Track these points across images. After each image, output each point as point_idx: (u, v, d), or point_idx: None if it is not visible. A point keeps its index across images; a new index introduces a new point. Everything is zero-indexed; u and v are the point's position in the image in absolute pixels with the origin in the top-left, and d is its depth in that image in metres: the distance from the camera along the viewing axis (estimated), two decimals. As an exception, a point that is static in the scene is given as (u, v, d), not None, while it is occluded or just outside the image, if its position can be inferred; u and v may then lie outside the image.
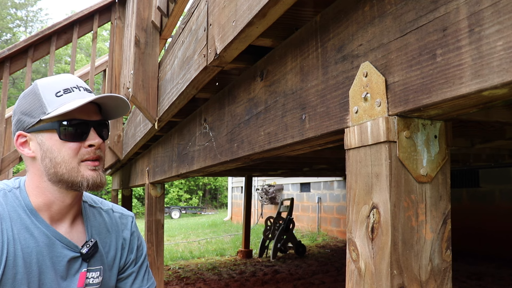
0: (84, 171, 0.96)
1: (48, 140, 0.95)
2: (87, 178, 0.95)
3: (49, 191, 0.97)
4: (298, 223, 9.28)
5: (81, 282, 1.01)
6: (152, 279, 1.22)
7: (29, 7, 29.60)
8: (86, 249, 1.01)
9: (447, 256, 0.64)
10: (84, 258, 1.01)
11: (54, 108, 0.94)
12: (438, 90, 0.54)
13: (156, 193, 3.17)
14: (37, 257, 0.94)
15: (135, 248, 1.17)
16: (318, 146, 0.95)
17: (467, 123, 1.70)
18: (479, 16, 0.48)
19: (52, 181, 0.96)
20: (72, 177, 0.95)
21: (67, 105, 0.94)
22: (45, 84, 0.97)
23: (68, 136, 0.95)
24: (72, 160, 0.95)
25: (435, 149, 0.64)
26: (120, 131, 3.82)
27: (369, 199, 0.64)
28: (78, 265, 1.01)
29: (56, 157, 0.95)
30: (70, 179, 0.95)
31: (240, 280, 4.64)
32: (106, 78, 4.24)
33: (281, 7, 0.80)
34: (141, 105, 2.04)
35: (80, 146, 0.96)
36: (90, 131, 0.98)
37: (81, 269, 1.01)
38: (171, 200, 23.35)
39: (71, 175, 0.95)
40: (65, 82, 0.99)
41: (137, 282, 1.17)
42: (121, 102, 1.02)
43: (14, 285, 0.90)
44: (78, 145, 0.96)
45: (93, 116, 0.99)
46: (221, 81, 1.45)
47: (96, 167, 0.98)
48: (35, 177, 0.98)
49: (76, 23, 3.57)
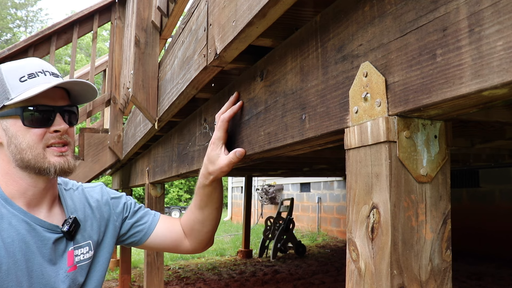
0: (51, 157, 0.94)
1: (13, 126, 0.93)
2: (54, 164, 0.94)
3: (19, 177, 0.95)
4: (298, 223, 9.27)
5: (70, 261, 1.00)
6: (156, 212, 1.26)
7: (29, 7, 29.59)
8: (67, 227, 0.99)
9: (447, 256, 0.64)
10: (67, 237, 1.00)
11: (17, 93, 0.92)
12: (438, 90, 0.54)
13: (156, 193, 3.17)
14: (19, 245, 0.92)
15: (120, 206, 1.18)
16: (318, 146, 0.95)
17: (467, 123, 1.70)
18: (479, 16, 0.48)
19: (20, 167, 0.94)
20: (39, 163, 0.93)
21: (31, 90, 0.91)
22: (9, 69, 0.95)
23: (32, 122, 0.93)
24: (37, 146, 0.93)
25: (435, 149, 0.64)
26: (120, 131, 3.82)
27: (369, 199, 0.64)
28: (64, 245, 1.00)
29: (21, 143, 0.93)
30: (37, 165, 0.93)
31: (240, 280, 4.64)
32: (106, 78, 4.24)
33: (281, 7, 0.80)
34: (141, 105, 2.04)
35: (45, 132, 0.94)
36: (56, 117, 0.95)
37: (68, 248, 1.00)
38: (171, 200, 23.35)
39: (38, 161, 0.93)
40: (30, 66, 0.96)
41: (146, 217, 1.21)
42: (87, 87, 1.00)
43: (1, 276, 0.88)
44: (42, 131, 0.93)
45: (59, 102, 0.97)
46: (221, 81, 1.45)
47: (63, 153, 0.96)
48: (3, 164, 0.96)
49: (76, 23, 3.57)
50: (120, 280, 4.92)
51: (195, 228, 1.21)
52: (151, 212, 1.25)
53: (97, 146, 3.73)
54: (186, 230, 1.24)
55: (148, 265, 2.98)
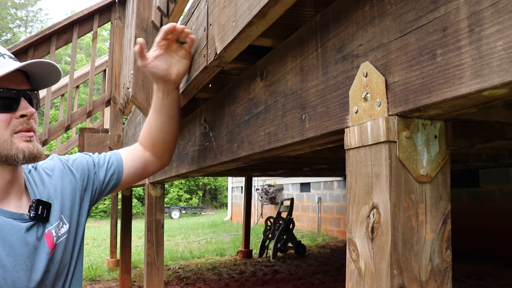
0: (19, 143, 0.89)
1: None
2: (22, 149, 0.89)
3: None
4: (298, 223, 9.27)
5: (49, 242, 0.97)
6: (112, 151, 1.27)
7: (29, 7, 29.60)
8: (33, 212, 0.95)
9: (447, 256, 0.64)
10: (41, 220, 0.97)
11: None
12: (438, 90, 0.54)
13: (156, 193, 3.17)
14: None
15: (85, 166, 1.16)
16: (318, 146, 0.95)
17: (467, 123, 1.70)
18: (479, 16, 0.48)
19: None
20: (6, 150, 0.88)
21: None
22: None
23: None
24: (4, 133, 0.88)
25: (435, 149, 0.64)
26: (120, 131, 3.82)
27: (369, 199, 0.64)
28: (40, 230, 0.97)
29: None
30: (3, 153, 0.88)
31: (240, 280, 4.64)
32: (106, 78, 4.24)
33: (281, 7, 0.80)
34: (141, 105, 2.04)
35: (11, 117, 0.89)
36: (21, 101, 0.90)
37: (45, 231, 0.97)
38: (171, 200, 23.35)
39: (5, 149, 0.88)
40: None
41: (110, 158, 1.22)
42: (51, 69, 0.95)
43: None
44: (8, 116, 0.89)
45: (21, 85, 0.92)
46: (221, 81, 1.45)
47: (30, 138, 0.91)
48: None
49: (76, 23, 3.57)
50: (120, 280, 4.92)
51: (155, 137, 1.27)
52: (110, 153, 1.26)
53: (97, 146, 3.73)
54: (148, 144, 1.28)
55: (148, 265, 2.98)
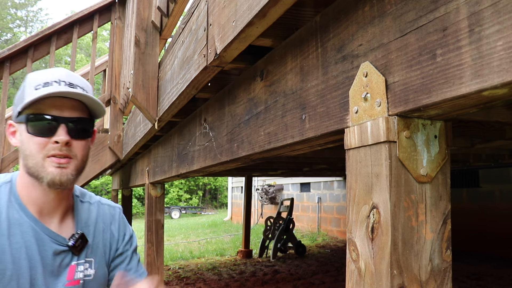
0: (49, 167, 0.93)
1: (23, 132, 0.95)
2: (48, 173, 0.93)
3: (31, 184, 0.96)
4: (298, 223, 9.27)
5: (70, 275, 1.00)
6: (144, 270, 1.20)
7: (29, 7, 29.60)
8: (73, 241, 0.99)
9: (447, 256, 0.64)
10: (73, 251, 1.00)
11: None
12: (438, 90, 0.54)
13: (156, 193, 3.17)
14: (26, 252, 0.93)
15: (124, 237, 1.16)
16: (318, 146, 0.95)
17: (467, 123, 1.70)
18: (479, 16, 0.48)
19: (28, 174, 0.95)
20: (37, 171, 0.93)
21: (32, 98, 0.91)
22: (32, 76, 0.97)
23: (34, 130, 0.93)
24: (37, 155, 0.93)
25: (435, 149, 0.64)
26: (120, 131, 3.82)
27: (369, 199, 0.64)
28: (68, 259, 1.00)
29: (25, 149, 0.94)
30: (35, 174, 0.93)
31: (240, 280, 4.64)
32: (106, 78, 4.24)
33: (281, 7, 0.80)
34: (141, 105, 2.04)
35: (47, 142, 0.93)
36: (59, 128, 0.94)
37: (71, 263, 1.00)
38: (171, 200, 23.35)
39: (36, 170, 0.93)
40: (51, 75, 0.96)
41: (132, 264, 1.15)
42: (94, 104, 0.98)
43: (3, 281, 0.89)
44: (44, 140, 0.93)
45: (66, 112, 0.95)
46: (221, 81, 1.45)
47: (61, 165, 0.94)
48: (21, 169, 0.98)
49: (76, 23, 3.57)
50: (120, 280, 4.90)
51: None
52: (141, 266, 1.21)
53: (97, 146, 3.73)
54: None
55: (148, 265, 2.98)
